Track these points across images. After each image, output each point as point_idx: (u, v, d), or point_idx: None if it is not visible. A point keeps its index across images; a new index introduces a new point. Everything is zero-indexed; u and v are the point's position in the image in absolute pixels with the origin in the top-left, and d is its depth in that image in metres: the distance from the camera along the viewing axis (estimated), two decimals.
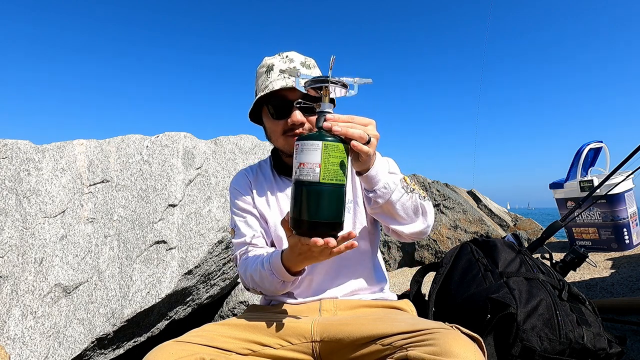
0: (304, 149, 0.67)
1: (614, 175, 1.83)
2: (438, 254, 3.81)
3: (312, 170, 0.66)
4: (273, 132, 0.96)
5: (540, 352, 0.92)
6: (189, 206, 1.85)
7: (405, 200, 0.82)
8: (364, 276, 0.95)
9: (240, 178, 1.05)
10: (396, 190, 0.80)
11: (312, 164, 0.67)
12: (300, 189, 0.67)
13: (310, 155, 0.67)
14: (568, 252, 1.47)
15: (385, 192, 0.79)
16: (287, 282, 0.84)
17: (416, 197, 0.84)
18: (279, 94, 0.92)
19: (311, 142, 0.67)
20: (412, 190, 0.83)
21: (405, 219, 0.85)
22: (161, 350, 0.71)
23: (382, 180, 0.79)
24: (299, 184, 0.67)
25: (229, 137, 2.13)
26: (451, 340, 0.62)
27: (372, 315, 0.83)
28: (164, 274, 1.68)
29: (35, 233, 1.63)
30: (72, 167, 1.80)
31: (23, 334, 1.48)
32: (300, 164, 0.67)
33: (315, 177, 0.66)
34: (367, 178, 0.78)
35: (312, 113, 0.93)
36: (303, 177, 0.67)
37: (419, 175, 4.35)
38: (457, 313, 1.09)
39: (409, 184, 0.84)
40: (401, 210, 0.82)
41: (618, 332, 1.42)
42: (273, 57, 0.97)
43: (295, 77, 0.76)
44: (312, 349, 0.79)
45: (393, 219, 0.85)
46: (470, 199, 4.79)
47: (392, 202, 0.81)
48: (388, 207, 0.82)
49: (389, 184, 0.79)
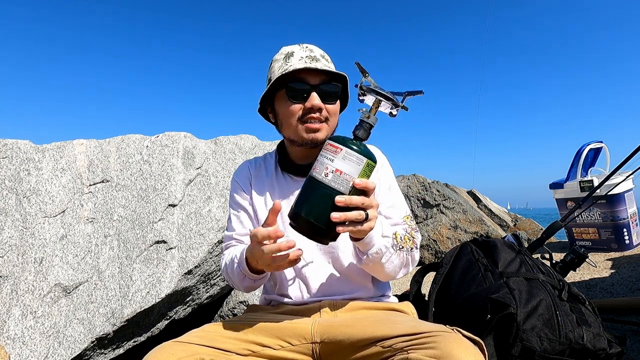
0: (346, 157, 0.67)
1: (614, 175, 1.83)
2: (438, 254, 3.81)
3: (347, 182, 0.67)
4: (287, 116, 0.93)
5: (540, 352, 0.92)
6: (189, 206, 1.85)
7: (394, 259, 0.84)
8: (365, 278, 0.95)
9: (242, 170, 1.05)
10: (387, 252, 0.82)
11: (349, 176, 0.67)
12: (324, 192, 0.66)
13: (351, 167, 0.67)
14: (568, 252, 1.47)
15: (377, 257, 0.80)
16: (249, 278, 0.86)
17: (404, 254, 0.87)
18: (299, 75, 0.91)
19: (357, 155, 0.67)
20: (401, 247, 0.85)
21: (388, 276, 0.88)
22: (161, 351, 0.71)
23: (375, 246, 0.79)
24: (324, 187, 0.67)
25: (229, 137, 2.13)
26: (452, 343, 0.62)
27: (373, 317, 0.82)
28: (164, 274, 1.68)
29: (35, 233, 1.63)
30: (72, 167, 1.80)
31: (23, 333, 1.48)
32: (337, 170, 0.66)
33: (347, 189, 0.67)
34: (362, 243, 0.78)
35: (330, 101, 0.93)
36: (334, 184, 0.66)
37: (419, 175, 4.34)
38: (457, 313, 1.09)
39: (399, 241, 0.85)
40: (389, 268, 0.85)
41: (618, 332, 1.42)
42: (292, 46, 0.97)
43: (363, 78, 0.76)
44: (312, 350, 0.79)
45: (378, 274, 0.89)
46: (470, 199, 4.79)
47: (382, 263, 0.83)
48: (377, 267, 0.84)
49: (382, 249, 0.80)
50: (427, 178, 4.32)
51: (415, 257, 0.91)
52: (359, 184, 0.67)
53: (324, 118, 0.92)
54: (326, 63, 0.94)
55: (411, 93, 0.75)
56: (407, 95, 0.75)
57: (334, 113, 0.95)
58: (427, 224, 4.00)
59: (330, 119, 0.94)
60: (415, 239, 0.92)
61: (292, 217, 0.70)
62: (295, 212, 0.69)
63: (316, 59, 0.93)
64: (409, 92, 0.75)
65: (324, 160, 0.68)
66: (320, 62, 0.92)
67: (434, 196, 4.09)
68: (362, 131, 0.71)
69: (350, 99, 1.03)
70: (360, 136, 0.71)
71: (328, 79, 0.93)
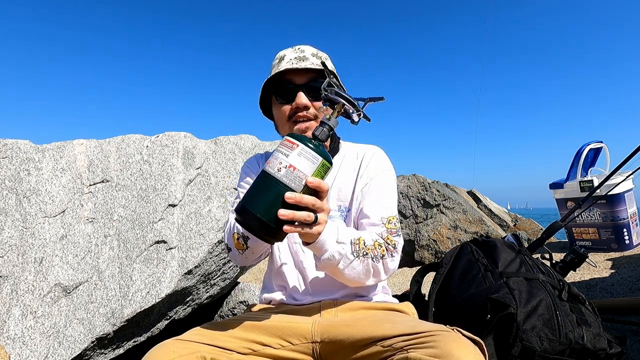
0: (301, 154, 0.65)
1: (614, 175, 1.83)
2: (438, 254, 3.81)
3: (299, 179, 0.64)
4: (279, 118, 0.96)
5: (540, 352, 0.92)
6: (189, 206, 1.85)
7: (356, 265, 0.80)
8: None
9: (253, 160, 1.07)
10: (342, 259, 0.77)
11: (303, 173, 0.64)
12: (275, 187, 0.64)
13: (305, 164, 0.64)
14: (568, 252, 1.47)
15: (330, 263, 0.77)
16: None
17: (369, 261, 0.81)
18: (285, 77, 0.93)
19: (313, 153, 0.65)
20: (364, 254, 0.80)
21: (353, 282, 0.83)
22: (162, 348, 0.71)
23: (328, 251, 0.75)
24: (276, 182, 0.64)
25: (229, 137, 2.13)
26: (452, 343, 0.62)
27: (373, 317, 0.82)
28: (164, 274, 1.68)
29: (35, 233, 1.63)
30: (72, 167, 1.80)
31: (23, 333, 1.48)
32: (290, 165, 0.64)
33: (299, 187, 0.64)
34: (313, 247, 0.75)
35: (318, 98, 0.93)
36: (286, 180, 0.64)
37: (419, 175, 4.34)
38: (457, 313, 1.09)
39: (362, 247, 0.80)
40: (350, 275, 0.80)
41: (618, 332, 1.42)
42: (286, 49, 0.98)
43: (328, 76, 0.75)
44: (313, 349, 0.79)
45: (340, 280, 0.84)
46: (470, 199, 4.79)
47: (340, 269, 0.79)
48: (335, 272, 0.80)
49: (334, 255, 0.76)
50: (427, 178, 4.32)
51: (388, 265, 0.86)
52: (312, 183, 0.65)
53: (313, 116, 0.93)
54: (315, 61, 0.95)
55: (372, 99, 0.74)
56: (368, 101, 0.74)
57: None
58: (427, 224, 4.00)
59: (319, 116, 0.94)
60: (391, 245, 0.86)
61: (239, 211, 0.66)
62: (242, 205, 0.66)
63: (304, 59, 0.94)
64: (370, 98, 0.74)
65: (279, 155, 0.66)
66: (308, 61, 0.93)
67: (434, 196, 4.09)
68: (321, 131, 0.69)
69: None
70: (319, 136, 0.69)
71: (315, 76, 0.94)
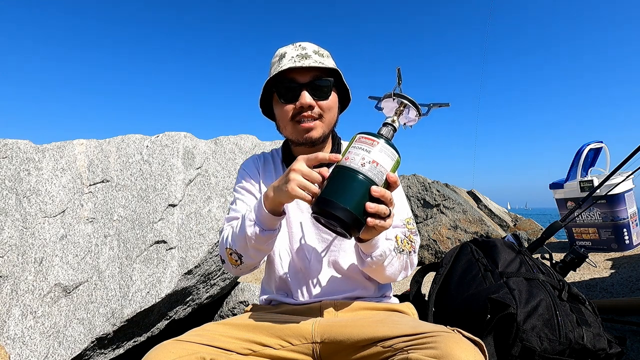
0: (382, 150, 0.68)
1: (614, 175, 1.83)
2: (438, 254, 3.81)
3: (381, 174, 0.67)
4: (282, 117, 0.93)
5: (540, 353, 0.92)
6: (189, 206, 1.85)
7: (395, 262, 0.84)
8: (365, 278, 0.95)
9: (251, 162, 1.05)
10: (390, 255, 0.82)
11: (384, 168, 0.68)
12: (361, 181, 0.66)
13: (386, 160, 0.68)
14: (568, 252, 1.47)
15: (380, 260, 0.80)
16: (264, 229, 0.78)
17: (404, 257, 0.87)
18: (288, 76, 0.90)
19: (392, 149, 0.69)
20: (401, 250, 0.86)
21: (389, 278, 0.88)
22: (161, 349, 0.71)
23: (380, 248, 0.79)
24: (363, 176, 0.66)
25: (229, 137, 2.13)
26: (452, 344, 0.62)
27: (373, 318, 0.82)
28: (164, 274, 1.68)
29: (35, 233, 1.63)
30: (72, 167, 1.80)
31: (23, 333, 1.48)
32: (374, 161, 0.67)
33: (381, 181, 0.68)
34: (367, 245, 0.77)
35: (323, 96, 0.91)
36: (370, 174, 0.66)
37: (419, 175, 4.34)
38: (457, 313, 1.09)
39: (399, 244, 0.85)
40: (390, 271, 0.85)
41: (618, 332, 1.42)
42: (286, 47, 0.95)
43: (396, 85, 0.78)
44: (313, 350, 0.79)
45: (378, 277, 0.88)
46: (470, 199, 4.79)
47: (384, 266, 0.83)
48: (379, 270, 0.84)
49: (385, 252, 0.80)
50: (427, 178, 4.32)
51: (413, 261, 0.91)
52: (392, 178, 0.68)
53: (317, 115, 0.91)
54: (319, 59, 0.92)
55: (438, 105, 0.77)
56: (432, 106, 0.77)
57: (328, 108, 0.93)
58: (427, 224, 4.00)
59: (325, 115, 0.92)
60: (414, 243, 0.91)
61: (321, 204, 0.65)
62: (327, 200, 0.64)
63: (307, 57, 0.90)
64: (435, 104, 0.77)
65: (359, 151, 0.68)
66: (311, 59, 0.90)
67: (434, 196, 4.09)
68: (388, 131, 0.73)
69: (353, 98, 1.02)
70: (386, 135, 0.72)
71: (319, 74, 0.91)
